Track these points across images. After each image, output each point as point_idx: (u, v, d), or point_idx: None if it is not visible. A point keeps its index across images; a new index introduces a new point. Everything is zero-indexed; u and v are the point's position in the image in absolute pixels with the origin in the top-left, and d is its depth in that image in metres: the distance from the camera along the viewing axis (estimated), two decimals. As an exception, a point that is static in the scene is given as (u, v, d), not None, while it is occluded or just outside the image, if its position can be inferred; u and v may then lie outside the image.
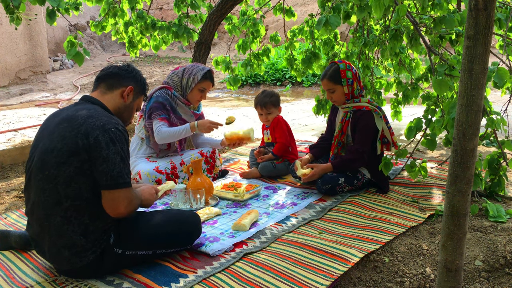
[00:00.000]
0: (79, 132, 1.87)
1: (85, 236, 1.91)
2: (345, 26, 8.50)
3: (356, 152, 2.90)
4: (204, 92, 3.30)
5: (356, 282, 2.00)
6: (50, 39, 11.04)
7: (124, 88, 2.13)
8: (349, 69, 2.95)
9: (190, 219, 2.21)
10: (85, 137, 1.86)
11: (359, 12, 2.88)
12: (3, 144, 4.11)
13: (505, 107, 3.26)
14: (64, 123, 1.94)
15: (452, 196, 1.43)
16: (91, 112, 1.95)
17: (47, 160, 1.89)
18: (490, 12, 1.26)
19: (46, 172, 1.89)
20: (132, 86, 2.15)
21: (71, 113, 1.97)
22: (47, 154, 1.90)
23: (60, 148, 1.88)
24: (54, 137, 1.92)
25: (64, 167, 1.86)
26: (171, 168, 3.18)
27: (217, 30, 4.55)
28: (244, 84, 9.07)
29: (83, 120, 1.91)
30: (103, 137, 1.86)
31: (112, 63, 2.23)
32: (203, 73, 3.23)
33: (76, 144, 1.86)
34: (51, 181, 1.88)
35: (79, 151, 1.86)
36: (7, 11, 3.22)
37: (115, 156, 1.86)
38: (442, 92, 2.42)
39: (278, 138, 3.44)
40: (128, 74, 2.16)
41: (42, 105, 7.49)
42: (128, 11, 4.52)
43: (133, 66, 2.24)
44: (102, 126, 1.89)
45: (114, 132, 1.89)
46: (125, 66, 2.20)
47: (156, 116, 3.19)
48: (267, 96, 3.47)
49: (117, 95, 2.12)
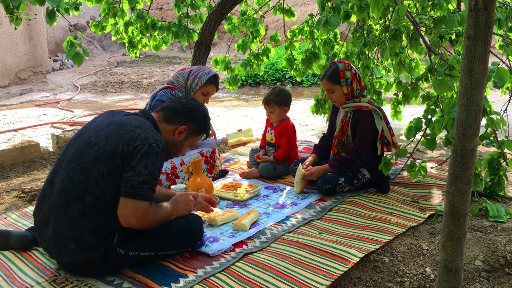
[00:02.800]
0: (123, 138, 1.93)
1: (95, 234, 1.93)
2: (345, 26, 8.50)
3: (355, 153, 2.89)
4: (207, 96, 3.29)
5: (356, 282, 2.00)
6: (50, 39, 11.04)
7: (179, 126, 2.15)
8: (348, 69, 2.95)
9: (193, 221, 2.22)
10: (127, 144, 1.91)
11: (359, 12, 2.88)
12: (3, 144, 4.11)
13: (505, 107, 3.26)
14: (114, 125, 1.99)
15: (452, 196, 1.43)
16: (141, 124, 2.01)
17: (86, 153, 1.93)
18: (490, 12, 1.26)
19: (81, 163, 1.92)
20: (187, 126, 2.17)
21: (124, 119, 2.03)
22: (89, 147, 1.94)
23: (102, 146, 1.92)
24: (100, 134, 1.97)
25: (99, 165, 1.90)
26: (171, 168, 3.19)
27: (217, 30, 4.55)
28: (244, 84, 9.07)
29: (132, 128, 1.96)
30: (142, 148, 1.91)
31: (182, 98, 2.23)
32: (208, 77, 3.21)
33: (117, 148, 1.91)
34: (83, 174, 1.91)
35: (117, 155, 1.90)
36: (7, 11, 3.21)
37: (143, 168, 1.89)
38: (442, 92, 2.42)
39: (283, 145, 3.43)
40: (188, 113, 2.18)
41: (42, 105, 7.49)
42: (128, 11, 4.52)
43: (202, 105, 2.24)
44: (145, 139, 1.93)
45: (153, 147, 1.93)
46: (190, 102, 2.20)
47: None
48: (274, 94, 3.40)
49: (170, 131, 2.16)
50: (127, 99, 8.38)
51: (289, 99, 3.44)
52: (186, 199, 2.20)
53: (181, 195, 2.22)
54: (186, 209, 2.18)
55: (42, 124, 5.52)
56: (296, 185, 3.02)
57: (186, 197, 2.21)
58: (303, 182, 3.00)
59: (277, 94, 3.40)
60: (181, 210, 2.15)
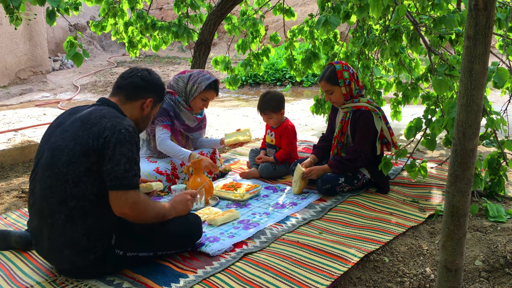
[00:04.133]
0: (91, 133, 1.88)
1: (88, 237, 1.91)
2: (345, 26, 8.50)
3: (355, 153, 2.89)
4: (206, 101, 3.27)
5: (356, 282, 2.00)
6: (50, 39, 11.04)
7: (144, 100, 2.12)
8: (345, 69, 2.95)
9: (191, 220, 2.21)
10: (96, 138, 1.87)
11: (359, 12, 2.88)
12: (3, 144, 4.11)
13: (505, 107, 3.26)
14: (78, 122, 1.95)
15: (452, 196, 1.43)
16: (104, 113, 1.96)
17: (58, 158, 1.90)
18: (490, 12, 1.26)
19: (55, 169, 1.89)
20: (152, 98, 2.14)
21: (86, 113, 1.98)
22: (58, 151, 1.91)
23: (72, 147, 1.89)
24: (67, 136, 1.93)
25: (74, 166, 1.87)
26: (171, 169, 3.19)
27: (217, 30, 4.55)
28: (244, 84, 9.07)
29: (96, 121, 1.92)
30: (112, 137, 1.86)
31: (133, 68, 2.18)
32: (208, 83, 3.19)
33: (87, 145, 1.87)
34: (60, 179, 1.88)
35: (89, 152, 1.86)
36: (7, 11, 3.21)
37: (120, 157, 1.85)
38: (442, 92, 2.42)
39: (284, 146, 3.43)
40: (149, 85, 2.14)
41: (42, 105, 7.48)
42: (128, 11, 4.52)
43: (154, 73, 2.20)
44: (113, 127, 1.89)
45: (123, 134, 1.88)
46: (146, 75, 2.16)
47: (160, 123, 3.18)
48: (266, 102, 3.40)
49: (137, 107, 2.12)
50: (127, 99, 8.35)
51: (282, 102, 3.44)
52: (184, 199, 2.19)
53: (179, 195, 2.21)
54: (184, 210, 2.17)
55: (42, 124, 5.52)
56: (295, 184, 3.01)
57: (184, 196, 2.20)
58: (303, 182, 2.99)
59: (269, 101, 3.39)
60: (180, 210, 2.14)
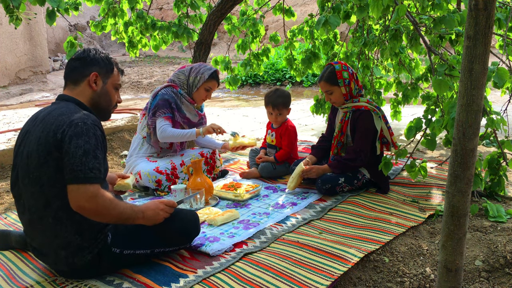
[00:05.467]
0: (50, 131, 1.86)
1: (80, 235, 1.91)
2: (345, 26, 8.50)
3: (355, 152, 2.90)
4: (209, 92, 3.35)
5: (356, 282, 2.00)
6: (50, 39, 11.04)
7: (88, 77, 2.04)
8: (345, 69, 2.95)
9: (188, 217, 2.18)
10: (54, 133, 1.84)
11: (359, 12, 2.88)
12: (3, 144, 4.11)
13: (505, 107, 3.26)
14: (39, 125, 1.93)
15: (452, 196, 1.43)
16: (62, 110, 1.92)
17: (29, 164, 1.89)
18: (490, 12, 1.26)
19: (30, 175, 1.88)
20: (96, 72, 2.05)
21: (45, 114, 1.95)
22: (27, 158, 1.90)
23: (36, 149, 1.87)
24: (31, 140, 1.91)
25: (44, 168, 1.85)
26: (171, 169, 3.19)
27: (217, 30, 4.55)
28: (244, 84, 9.08)
29: (54, 119, 1.88)
30: (69, 130, 1.82)
31: (71, 58, 2.11)
32: (210, 72, 3.28)
33: (48, 142, 1.84)
34: (36, 184, 1.87)
35: (51, 149, 1.84)
36: (7, 11, 3.21)
37: (76, 150, 1.80)
38: (442, 92, 2.42)
39: (284, 146, 3.43)
40: (85, 62, 2.04)
41: (42, 105, 7.48)
42: (128, 11, 4.52)
43: (90, 49, 2.10)
44: (70, 122, 1.85)
45: (80, 126, 1.84)
46: (80, 54, 2.07)
47: (161, 115, 3.20)
48: (280, 97, 3.39)
49: (85, 87, 2.03)
50: (127, 99, 8.38)
51: (291, 99, 3.49)
52: (156, 207, 2.02)
53: (153, 201, 2.08)
54: (154, 217, 1.99)
55: (42, 124, 5.52)
56: (292, 180, 3.01)
57: (157, 205, 2.03)
58: (299, 179, 3.00)
59: (283, 96, 3.41)
60: (149, 217, 1.97)
